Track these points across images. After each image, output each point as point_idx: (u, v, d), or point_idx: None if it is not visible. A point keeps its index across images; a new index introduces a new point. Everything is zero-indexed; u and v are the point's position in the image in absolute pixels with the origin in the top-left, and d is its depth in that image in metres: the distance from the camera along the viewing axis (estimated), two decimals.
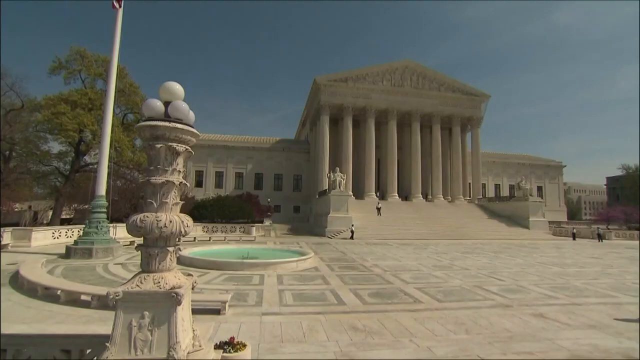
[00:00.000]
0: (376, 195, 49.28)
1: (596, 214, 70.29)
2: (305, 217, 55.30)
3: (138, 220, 3.35)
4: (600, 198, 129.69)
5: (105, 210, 17.55)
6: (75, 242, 17.01)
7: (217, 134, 63.12)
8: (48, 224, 31.23)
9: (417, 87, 53.66)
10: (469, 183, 57.35)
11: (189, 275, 3.63)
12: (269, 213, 45.72)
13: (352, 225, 33.63)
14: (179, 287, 3.15)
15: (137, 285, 3.24)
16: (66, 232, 23.43)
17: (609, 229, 44.45)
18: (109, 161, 18.24)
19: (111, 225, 19.41)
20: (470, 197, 55.64)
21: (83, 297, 8.63)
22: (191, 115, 3.72)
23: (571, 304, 10.33)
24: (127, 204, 29.17)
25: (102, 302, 8.29)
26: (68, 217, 39.85)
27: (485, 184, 63.24)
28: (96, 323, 7.25)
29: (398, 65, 53.62)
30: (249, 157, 58.74)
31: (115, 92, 18.64)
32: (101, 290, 8.85)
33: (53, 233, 22.73)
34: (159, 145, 3.51)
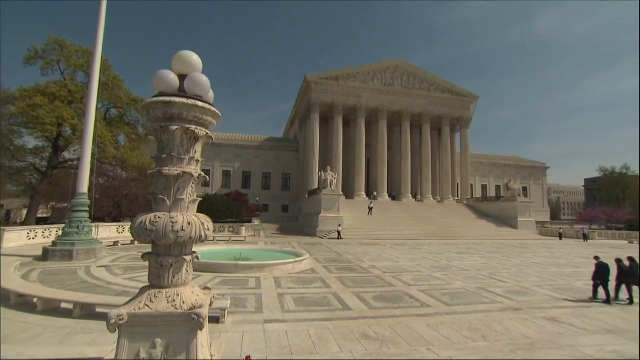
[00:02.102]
0: (366, 195, 48.96)
1: (577, 215, 72.23)
2: (294, 217, 54.52)
3: (147, 222, 2.57)
4: (577, 199, 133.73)
5: (87, 208, 16.39)
6: (54, 243, 15.80)
7: None
8: (22, 224, 29.41)
9: (408, 86, 53.65)
10: (457, 183, 57.79)
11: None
12: (257, 212, 44.74)
13: (339, 226, 33.14)
14: (200, 306, 2.43)
15: (147, 305, 2.46)
16: (43, 232, 21.93)
17: (592, 229, 45.54)
18: (92, 157, 17.06)
19: (93, 224, 18.22)
20: (458, 197, 56.04)
21: (64, 306, 7.74)
22: (211, 94, 2.98)
23: (580, 306, 10.12)
24: (110, 202, 27.76)
25: (85, 311, 7.45)
26: (45, 216, 37.81)
27: (472, 184, 63.96)
28: (79, 336, 6.42)
29: (389, 64, 53.46)
30: (236, 156, 57.49)
31: (99, 84, 17.48)
32: (84, 297, 8.00)
33: (28, 233, 21.20)
34: (174, 128, 2.75)
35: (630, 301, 10.62)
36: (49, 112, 26.15)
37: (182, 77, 2.88)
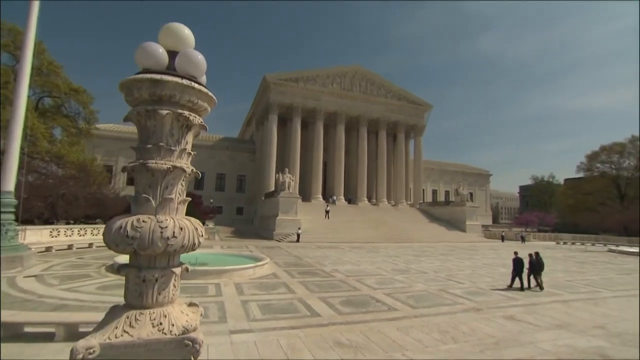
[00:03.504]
0: (323, 199, 49.09)
1: (514, 219, 79.55)
2: (249, 219, 53.02)
3: (129, 227, 2.05)
4: (513, 204, 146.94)
5: (12, 209, 14.20)
6: None
7: None
8: None
9: (366, 92, 54.91)
10: (410, 188, 60.29)
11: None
12: (211, 215, 42.76)
13: (299, 229, 32.80)
14: (194, 328, 1.96)
15: (125, 332, 1.91)
16: None
17: (527, 231, 50.13)
18: (21, 152, 14.89)
19: (20, 228, 15.93)
20: (411, 201, 58.46)
21: None
22: (204, 77, 2.50)
23: (530, 304, 10.85)
24: (42, 202, 24.60)
25: (10, 332, 6.28)
26: None
27: (424, 189, 67.21)
28: None
29: (348, 69, 54.36)
30: None
31: (31, 68, 15.35)
32: (10, 315, 6.76)
33: None
34: (164, 112, 2.29)
35: (540, 287, 12.99)
36: None
37: (171, 54, 2.45)
